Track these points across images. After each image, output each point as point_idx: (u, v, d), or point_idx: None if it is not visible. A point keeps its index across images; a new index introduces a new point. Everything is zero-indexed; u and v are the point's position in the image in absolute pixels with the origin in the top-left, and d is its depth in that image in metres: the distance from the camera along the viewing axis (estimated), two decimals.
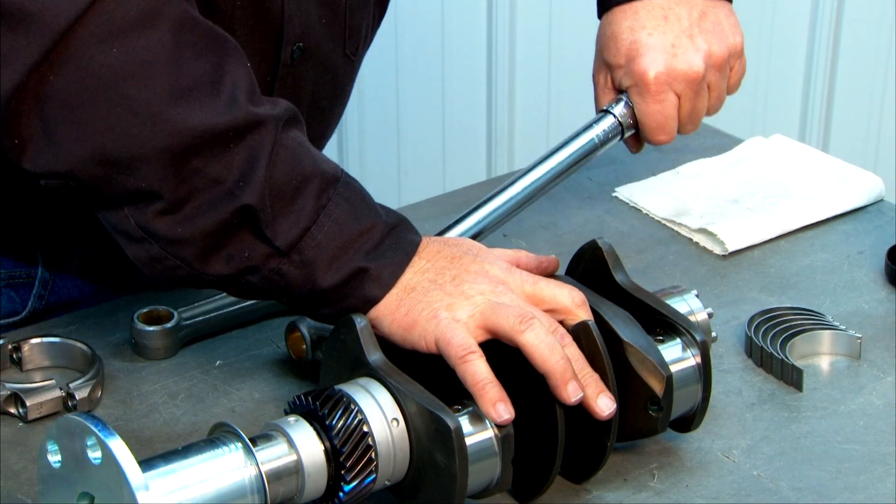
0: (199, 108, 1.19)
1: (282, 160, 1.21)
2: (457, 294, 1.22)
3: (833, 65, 2.90)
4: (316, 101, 1.57)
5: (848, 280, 1.55)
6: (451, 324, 1.20)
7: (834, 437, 1.30)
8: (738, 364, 1.40)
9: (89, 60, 1.16)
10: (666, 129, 1.56)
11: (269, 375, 1.38)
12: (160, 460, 1.09)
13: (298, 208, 1.21)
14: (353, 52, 1.59)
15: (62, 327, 1.45)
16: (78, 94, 1.17)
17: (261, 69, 1.46)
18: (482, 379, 1.16)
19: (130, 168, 1.19)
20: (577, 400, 1.17)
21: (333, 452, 1.13)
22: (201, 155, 1.18)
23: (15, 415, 1.32)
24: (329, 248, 1.22)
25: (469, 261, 1.25)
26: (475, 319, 1.20)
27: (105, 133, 1.18)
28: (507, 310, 1.20)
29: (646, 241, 1.63)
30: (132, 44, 1.17)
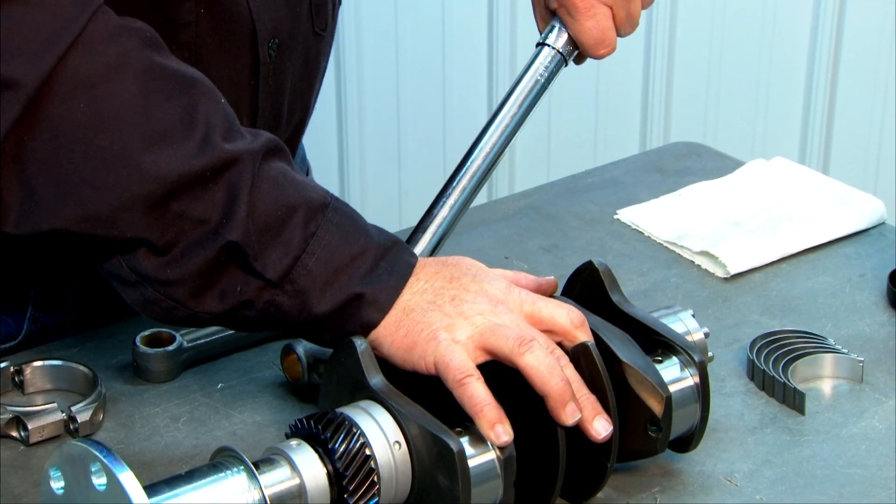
0: (173, 152, 1.19)
1: (264, 193, 1.22)
2: (455, 315, 1.22)
3: (833, 87, 2.91)
4: (295, 90, 1.56)
5: (850, 303, 1.55)
6: (450, 345, 1.20)
7: (836, 461, 1.30)
8: (740, 387, 1.40)
9: (60, 118, 1.17)
10: (605, 41, 1.48)
11: (271, 398, 1.38)
12: (164, 486, 1.09)
13: (286, 239, 1.22)
14: (321, 29, 1.58)
15: (64, 350, 1.45)
16: (54, 153, 1.18)
17: (242, 74, 1.47)
18: (480, 401, 1.16)
19: (113, 220, 1.19)
20: (575, 422, 1.17)
21: (336, 476, 1.13)
22: (180, 198, 1.19)
23: (16, 438, 1.32)
24: (321, 276, 1.22)
25: (468, 281, 1.26)
26: (474, 340, 1.21)
27: (83, 188, 1.19)
28: (506, 331, 1.20)
29: (647, 264, 1.63)
30: (99, 96, 1.18)
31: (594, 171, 1.87)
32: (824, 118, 2.93)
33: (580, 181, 1.83)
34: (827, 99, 2.92)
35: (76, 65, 1.17)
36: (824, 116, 2.93)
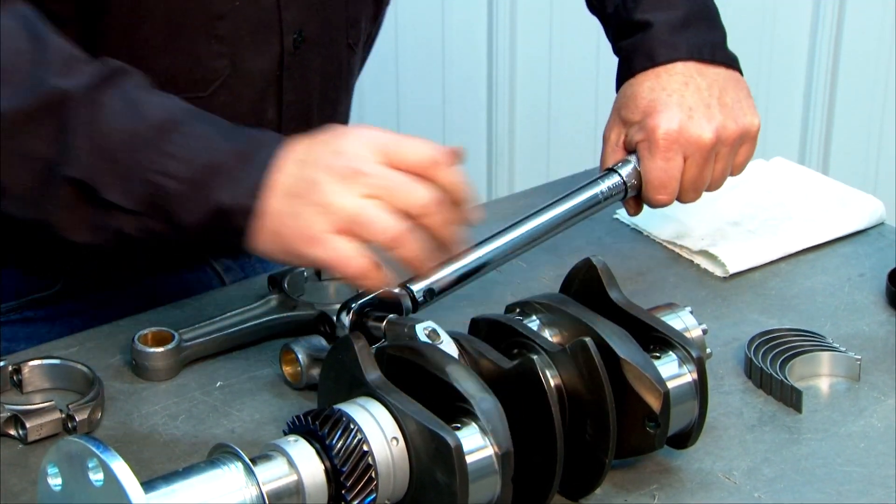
0: (6, 90, 1.23)
1: (104, 124, 1.23)
2: (300, 204, 1.22)
3: (832, 88, 2.91)
4: (325, 92, 1.59)
5: (848, 302, 1.55)
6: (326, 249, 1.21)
7: (835, 460, 1.30)
8: (739, 385, 1.40)
9: None
10: (668, 188, 1.54)
11: (270, 396, 1.38)
12: (161, 482, 1.09)
13: (136, 165, 1.23)
14: (354, 44, 1.61)
15: (62, 349, 1.45)
16: None
17: (270, 64, 1.51)
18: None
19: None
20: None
21: (334, 472, 1.13)
22: (16, 137, 1.23)
23: (15, 436, 1.32)
24: (180, 194, 1.22)
25: (327, 159, 1.23)
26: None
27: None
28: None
29: (647, 263, 1.63)
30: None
31: (594, 170, 1.87)
32: (824, 119, 2.94)
33: (580, 181, 1.83)
34: (827, 99, 2.92)
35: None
36: (824, 117, 2.93)
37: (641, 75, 1.57)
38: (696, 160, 1.53)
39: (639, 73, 1.57)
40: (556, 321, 1.30)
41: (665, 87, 1.55)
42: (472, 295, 1.55)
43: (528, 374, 1.19)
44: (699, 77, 1.56)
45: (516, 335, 1.27)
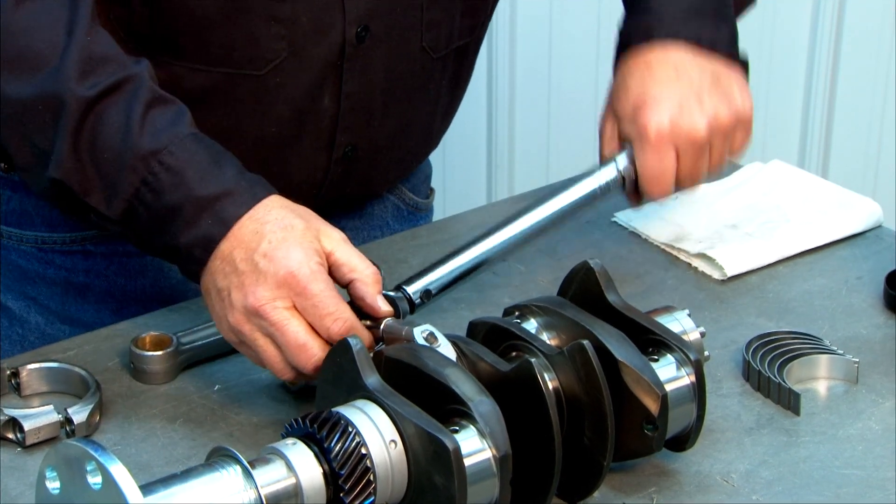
0: (25, 77, 1.32)
1: (93, 136, 1.31)
2: (221, 308, 1.31)
3: (832, 91, 2.91)
4: (391, 91, 1.59)
5: (846, 305, 1.55)
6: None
7: (833, 462, 1.30)
8: (736, 388, 1.40)
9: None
10: (662, 183, 1.53)
11: (268, 399, 1.38)
12: (160, 485, 1.10)
13: (114, 183, 1.31)
14: (432, 48, 1.61)
15: (60, 353, 1.45)
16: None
17: (331, 53, 1.52)
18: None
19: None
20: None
21: (332, 475, 1.13)
22: (26, 124, 1.32)
23: (13, 440, 1.32)
24: (147, 224, 1.32)
25: (255, 263, 1.29)
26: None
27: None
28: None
29: (644, 266, 1.63)
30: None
31: None
32: (823, 122, 2.93)
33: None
34: (826, 102, 2.92)
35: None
36: (823, 120, 2.93)
37: (633, 63, 1.56)
38: (689, 153, 1.52)
39: (630, 58, 1.56)
40: (553, 324, 1.30)
41: (655, 79, 1.53)
42: (470, 298, 1.55)
43: (526, 376, 1.19)
44: (691, 65, 1.54)
45: (514, 338, 1.27)
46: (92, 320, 1.62)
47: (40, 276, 1.65)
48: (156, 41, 1.48)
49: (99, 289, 1.64)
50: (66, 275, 1.64)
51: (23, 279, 1.66)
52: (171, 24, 1.45)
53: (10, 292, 1.66)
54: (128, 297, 1.63)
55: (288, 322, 1.27)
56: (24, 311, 1.66)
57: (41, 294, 1.65)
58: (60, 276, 1.64)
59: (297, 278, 1.26)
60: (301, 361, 1.27)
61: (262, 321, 1.27)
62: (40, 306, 1.65)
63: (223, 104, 1.52)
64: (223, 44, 1.48)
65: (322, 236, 1.31)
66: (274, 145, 1.55)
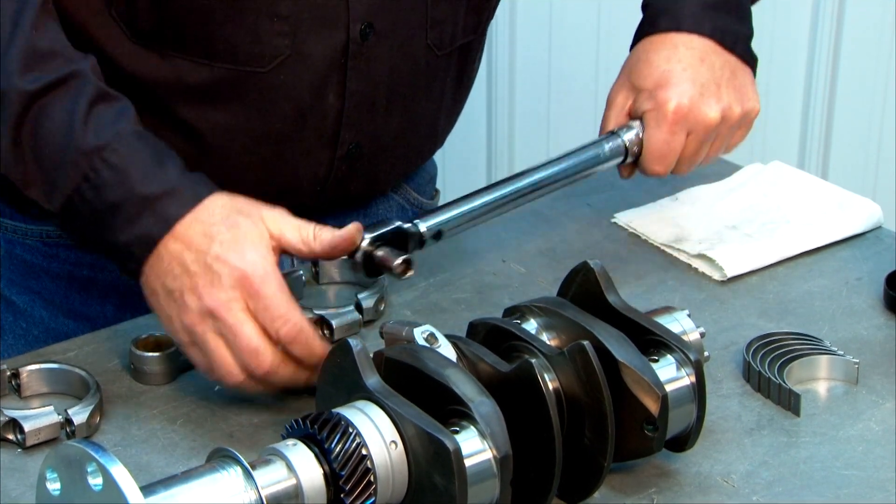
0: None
1: (34, 131, 1.31)
2: (172, 309, 1.32)
3: (832, 92, 2.91)
4: (396, 89, 1.60)
5: (846, 306, 1.55)
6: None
7: (833, 463, 1.30)
8: (737, 389, 1.40)
9: None
10: (666, 160, 1.58)
11: (268, 400, 1.38)
12: (160, 486, 1.10)
13: (55, 178, 1.31)
14: (437, 45, 1.61)
15: (60, 354, 1.45)
16: None
17: (334, 51, 1.52)
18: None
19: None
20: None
21: (332, 476, 1.13)
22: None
23: (13, 441, 1.32)
24: (87, 220, 1.32)
25: (210, 260, 1.29)
26: None
27: None
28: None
29: (644, 267, 1.63)
30: None
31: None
32: (823, 123, 2.93)
33: (578, 184, 1.83)
34: (826, 103, 2.92)
35: None
36: (823, 121, 2.93)
37: (658, 41, 1.59)
38: (698, 137, 1.57)
39: (661, 32, 1.59)
40: (553, 325, 1.30)
41: (681, 59, 1.57)
42: (470, 298, 1.55)
43: (527, 377, 1.19)
44: (714, 56, 1.58)
45: (514, 338, 1.27)
46: (96, 314, 1.62)
47: (45, 270, 1.65)
48: (159, 36, 1.48)
49: (103, 282, 1.64)
50: (71, 268, 1.64)
51: (27, 273, 1.66)
52: (175, 19, 1.45)
53: (14, 287, 1.67)
54: (132, 290, 1.62)
55: (243, 324, 1.28)
56: (28, 305, 1.66)
57: (45, 288, 1.66)
58: (65, 270, 1.64)
59: (251, 280, 1.28)
60: (253, 364, 1.29)
61: (218, 322, 1.28)
62: (45, 300, 1.66)
63: (227, 100, 1.52)
64: (226, 40, 1.49)
65: (267, 221, 1.32)
66: (278, 142, 1.55)
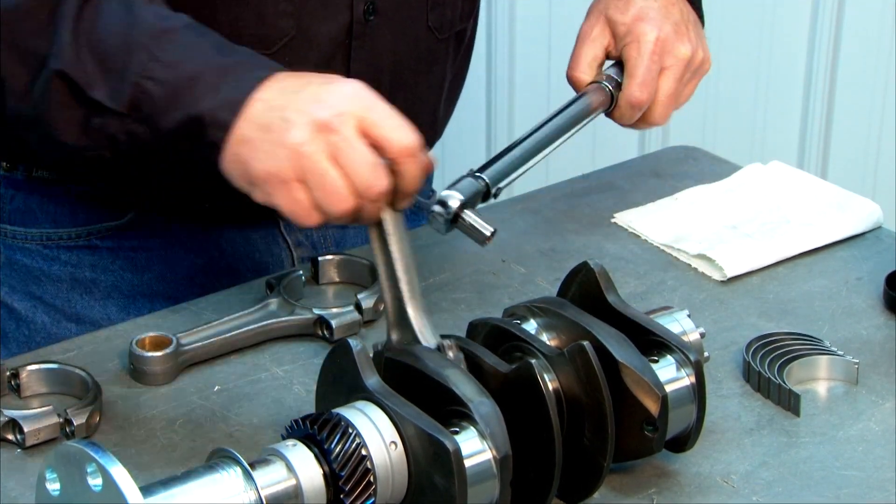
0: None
1: (96, 22, 1.27)
2: (272, 140, 1.22)
3: (831, 92, 2.91)
4: (398, 72, 1.61)
5: (846, 306, 1.55)
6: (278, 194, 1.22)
7: (833, 463, 1.30)
8: (737, 389, 1.40)
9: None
10: (649, 87, 1.57)
11: (268, 400, 1.38)
12: (160, 486, 1.09)
13: (123, 65, 1.25)
14: (437, 28, 1.64)
15: (60, 354, 1.45)
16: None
17: (339, 32, 1.53)
18: None
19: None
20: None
21: (332, 476, 1.13)
22: (15, 29, 1.28)
23: (13, 441, 1.32)
24: (162, 98, 1.25)
25: (310, 92, 1.23)
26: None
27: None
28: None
29: (644, 267, 1.63)
30: None
31: (591, 175, 1.88)
32: (823, 123, 2.93)
33: (578, 185, 1.84)
34: (825, 104, 2.92)
35: None
36: (823, 121, 2.93)
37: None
38: (673, 73, 1.58)
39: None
40: (553, 325, 1.30)
41: (656, 1, 1.60)
42: (470, 299, 1.55)
43: (527, 377, 1.19)
44: (681, 4, 1.62)
45: (514, 339, 1.27)
46: (98, 316, 1.62)
47: (45, 274, 1.65)
48: None
49: (105, 284, 1.64)
50: (72, 270, 1.64)
51: (28, 278, 1.66)
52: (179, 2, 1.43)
53: (15, 293, 1.66)
54: (134, 291, 1.63)
55: (358, 138, 1.20)
56: (29, 311, 1.66)
57: (46, 292, 1.65)
58: (66, 273, 1.64)
59: (365, 93, 1.22)
60: (372, 179, 1.20)
61: (331, 137, 1.20)
62: (46, 305, 1.65)
63: None
64: (231, 22, 1.49)
65: None
66: None
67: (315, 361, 1.39)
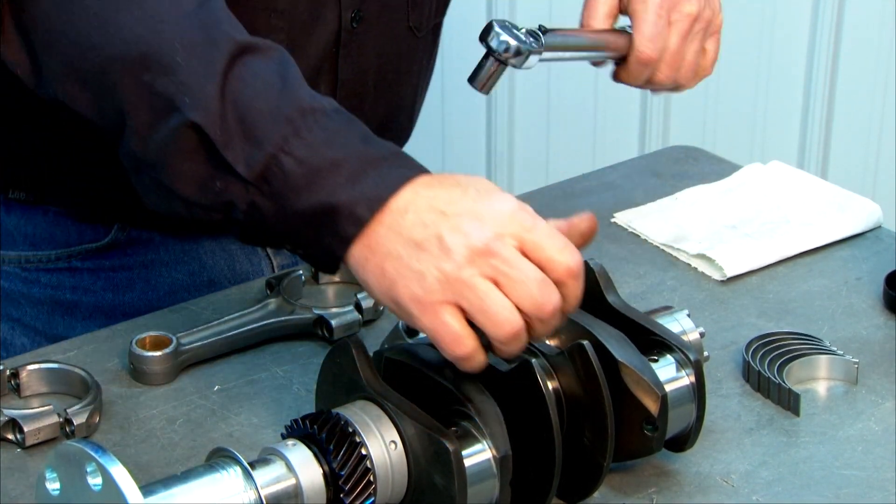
0: (157, 12, 1.20)
1: (245, 82, 1.18)
2: (431, 263, 1.13)
3: (831, 92, 2.91)
4: (383, 74, 1.60)
5: (846, 306, 1.55)
6: (426, 313, 1.14)
7: (833, 463, 1.30)
8: (736, 389, 1.40)
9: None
10: (657, 42, 1.51)
11: (268, 400, 1.38)
12: (160, 486, 1.09)
13: (262, 133, 1.16)
14: (416, 27, 1.62)
15: (60, 353, 1.45)
16: (47, 16, 1.22)
17: (327, 41, 1.52)
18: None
19: (96, 85, 1.21)
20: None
21: (332, 476, 1.13)
22: (151, 68, 1.18)
23: (13, 441, 1.32)
24: (298, 179, 1.15)
25: (467, 205, 1.15)
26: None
27: (69, 49, 1.21)
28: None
29: (644, 267, 1.63)
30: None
31: (591, 174, 1.88)
32: (823, 123, 2.94)
33: (577, 185, 1.84)
34: (825, 103, 2.92)
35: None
36: (823, 121, 2.93)
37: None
38: (679, 28, 1.51)
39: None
40: None
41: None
42: None
43: (526, 377, 1.19)
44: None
45: None
46: None
47: (25, 297, 1.62)
48: None
49: (87, 305, 1.62)
50: (53, 293, 1.61)
51: (6, 301, 1.63)
52: None
53: None
54: (116, 311, 1.61)
55: (522, 260, 1.13)
56: (8, 333, 1.63)
57: (26, 315, 1.63)
58: (46, 295, 1.61)
59: (525, 215, 1.14)
60: (544, 298, 1.13)
61: (491, 260, 1.12)
62: (25, 327, 1.64)
63: None
64: None
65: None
66: None
67: (315, 361, 1.39)
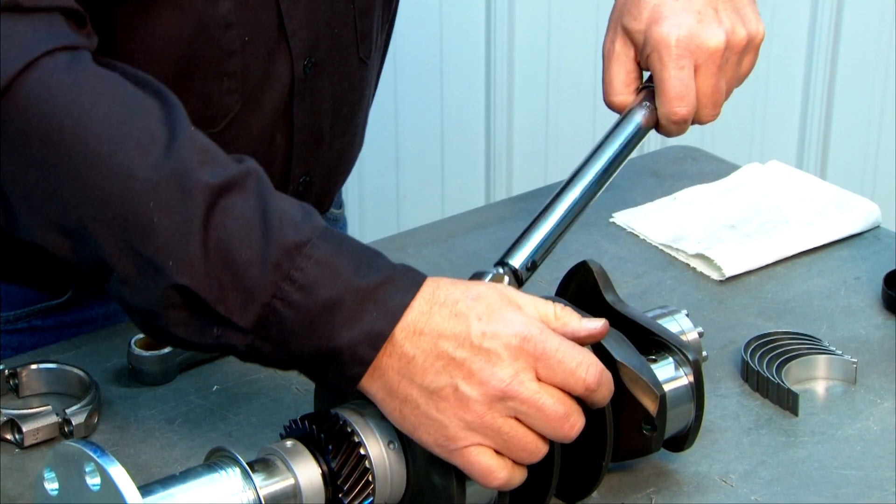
0: (132, 162, 1.12)
1: (225, 230, 1.11)
2: (444, 411, 1.12)
3: (830, 91, 2.91)
4: (337, 111, 1.56)
5: (844, 306, 1.55)
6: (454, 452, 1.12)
7: (831, 463, 1.30)
8: (735, 388, 1.40)
9: (16, 133, 1.13)
10: (685, 99, 1.43)
11: (266, 400, 1.38)
12: (158, 486, 1.09)
13: (252, 283, 1.11)
14: (366, 56, 1.57)
15: (59, 353, 1.45)
16: (17, 166, 1.14)
17: (281, 93, 1.47)
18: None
19: (75, 237, 1.15)
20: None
21: (331, 476, 1.13)
22: (129, 229, 1.11)
23: (11, 441, 1.32)
24: (295, 325, 1.11)
25: (476, 331, 1.12)
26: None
27: (44, 202, 1.14)
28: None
29: (643, 267, 1.63)
30: (56, 112, 1.13)
31: None
32: (821, 123, 2.94)
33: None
34: (824, 103, 2.92)
35: (31, 83, 1.12)
36: (822, 121, 2.94)
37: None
38: (709, 68, 1.43)
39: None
40: None
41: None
42: None
43: None
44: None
45: None
46: None
47: None
48: None
49: None
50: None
51: None
52: None
53: None
54: None
55: (540, 395, 1.11)
56: None
57: None
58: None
59: (532, 342, 1.11)
60: (565, 429, 1.13)
61: (511, 403, 1.11)
62: None
63: None
64: None
65: (498, 287, 1.16)
66: None
67: None
